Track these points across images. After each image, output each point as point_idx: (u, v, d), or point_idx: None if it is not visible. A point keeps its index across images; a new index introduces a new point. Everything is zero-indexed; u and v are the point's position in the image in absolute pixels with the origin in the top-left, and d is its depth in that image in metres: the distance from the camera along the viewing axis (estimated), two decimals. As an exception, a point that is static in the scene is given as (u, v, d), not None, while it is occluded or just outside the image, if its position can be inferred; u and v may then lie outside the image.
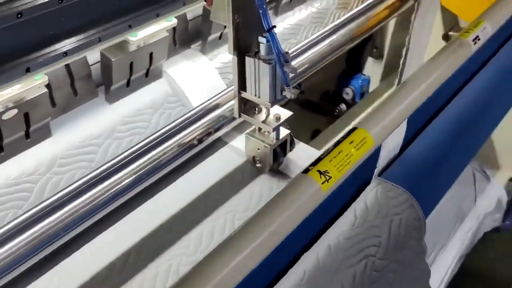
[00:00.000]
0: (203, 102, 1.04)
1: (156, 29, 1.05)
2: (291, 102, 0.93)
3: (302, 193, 0.73)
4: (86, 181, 0.85)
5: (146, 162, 0.91)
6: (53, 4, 0.76)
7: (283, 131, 0.98)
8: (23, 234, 0.76)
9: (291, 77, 0.87)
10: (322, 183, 0.74)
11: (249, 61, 0.88)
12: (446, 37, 1.85)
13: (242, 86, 0.91)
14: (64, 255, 0.83)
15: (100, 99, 1.09)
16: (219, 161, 1.03)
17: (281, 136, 0.98)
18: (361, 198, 0.98)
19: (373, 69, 1.98)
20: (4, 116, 0.88)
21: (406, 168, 1.08)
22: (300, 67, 1.16)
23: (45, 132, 0.98)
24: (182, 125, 0.99)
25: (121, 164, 0.89)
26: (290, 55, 0.85)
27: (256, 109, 0.96)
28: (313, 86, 1.84)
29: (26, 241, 0.76)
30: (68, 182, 0.87)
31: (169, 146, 0.95)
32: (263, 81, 0.88)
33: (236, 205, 0.95)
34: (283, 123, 0.95)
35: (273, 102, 0.90)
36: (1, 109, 0.87)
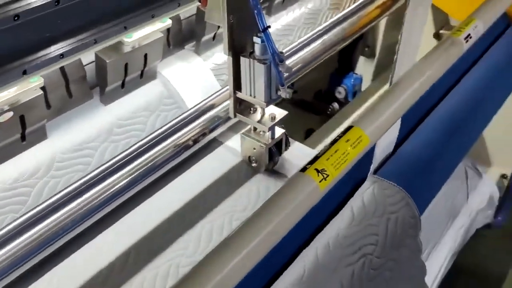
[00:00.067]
0: (198, 102, 1.04)
1: (150, 30, 1.05)
2: (285, 101, 0.94)
3: (300, 191, 0.73)
4: (84, 182, 0.84)
5: (143, 163, 0.91)
6: (49, 6, 0.76)
7: (278, 131, 0.99)
8: (22, 236, 0.76)
9: (286, 76, 0.88)
10: (320, 182, 0.75)
11: (244, 61, 0.88)
12: (437, 35, 1.86)
13: (237, 86, 0.92)
14: (63, 256, 0.83)
15: (95, 101, 1.09)
16: (215, 161, 1.03)
17: (276, 135, 0.98)
18: (358, 196, 0.98)
19: (365, 68, 1.99)
20: (-1, 119, 0.88)
21: (401, 166, 1.09)
22: (293, 67, 1.16)
23: (40, 134, 0.98)
24: (178, 126, 0.98)
25: (118, 165, 0.89)
26: (284, 55, 0.85)
27: (251, 109, 0.96)
28: (306, 86, 1.85)
29: (25, 242, 0.75)
30: (65, 185, 0.86)
31: (165, 147, 0.94)
32: (258, 81, 0.88)
33: (233, 205, 0.95)
34: (278, 123, 0.96)
35: (268, 102, 0.90)
36: (-4, 111, 0.87)
